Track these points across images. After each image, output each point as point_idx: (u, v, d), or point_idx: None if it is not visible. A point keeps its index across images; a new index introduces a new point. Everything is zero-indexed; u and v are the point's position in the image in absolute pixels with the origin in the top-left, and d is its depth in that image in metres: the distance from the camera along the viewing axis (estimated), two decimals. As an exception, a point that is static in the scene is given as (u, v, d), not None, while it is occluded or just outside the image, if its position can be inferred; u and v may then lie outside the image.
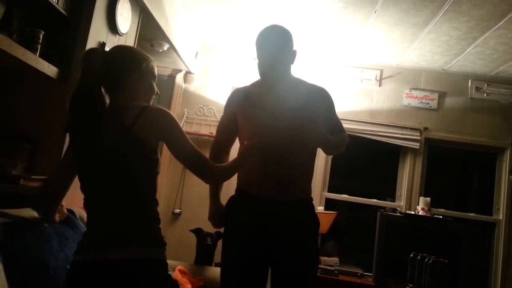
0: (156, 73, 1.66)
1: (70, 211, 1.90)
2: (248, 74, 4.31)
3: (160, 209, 4.25)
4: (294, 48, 1.91)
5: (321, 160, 4.11)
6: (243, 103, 1.90)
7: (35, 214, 1.59)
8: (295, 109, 1.79)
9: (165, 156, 4.19)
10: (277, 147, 1.76)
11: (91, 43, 2.25)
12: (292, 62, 1.91)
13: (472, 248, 3.57)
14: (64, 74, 2.13)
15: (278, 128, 1.77)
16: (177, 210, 4.15)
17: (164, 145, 1.50)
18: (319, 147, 1.88)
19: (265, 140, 1.71)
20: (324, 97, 1.97)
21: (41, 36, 1.96)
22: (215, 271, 2.82)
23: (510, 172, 4.06)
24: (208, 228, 4.06)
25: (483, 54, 3.71)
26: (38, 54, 1.93)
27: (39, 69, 1.93)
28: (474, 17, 3.07)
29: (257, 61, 1.87)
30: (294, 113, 1.78)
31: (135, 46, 2.87)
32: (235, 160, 1.66)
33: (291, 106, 1.81)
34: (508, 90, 4.14)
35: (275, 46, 1.83)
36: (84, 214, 1.98)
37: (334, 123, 1.99)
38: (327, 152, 2.05)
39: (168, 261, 2.81)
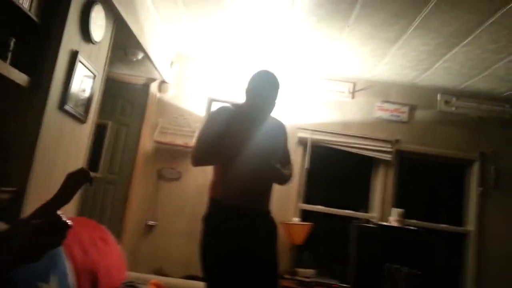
0: None
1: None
2: (223, 85, 4.32)
3: (133, 221, 4.20)
4: None
5: (297, 172, 4.12)
6: (232, 123, 2.15)
7: (4, 226, 1.52)
8: (268, 140, 2.19)
9: (138, 166, 4.11)
10: (255, 169, 2.11)
11: (63, 51, 2.20)
12: None
13: (445, 259, 3.64)
14: (36, 82, 2.06)
15: (256, 155, 2.12)
16: (151, 222, 4.06)
17: (138, 157, 1.46)
18: (274, 181, 2.27)
19: (250, 163, 2.09)
20: (284, 132, 2.37)
21: (11, 44, 1.90)
22: (188, 284, 2.77)
23: (479, 184, 4.18)
24: (186, 241, 4.01)
25: (451, 69, 3.83)
26: (8, 61, 1.87)
27: (9, 77, 1.87)
28: (442, 34, 3.18)
29: (249, 90, 2.21)
30: (267, 144, 2.17)
31: (109, 55, 2.83)
32: None
33: (266, 138, 2.18)
34: (476, 104, 4.29)
35: (274, 93, 2.19)
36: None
37: (287, 154, 2.40)
38: (279, 183, 2.32)
39: (142, 275, 2.76)
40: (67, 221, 0.96)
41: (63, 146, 2.38)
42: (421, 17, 2.95)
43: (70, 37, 2.26)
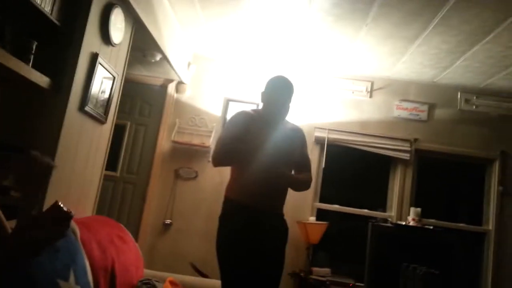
0: None
1: (60, 222, 1.89)
2: (239, 85, 4.34)
3: (151, 220, 4.26)
4: None
5: (314, 171, 4.11)
6: (251, 127, 2.25)
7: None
8: (284, 144, 2.27)
9: (156, 166, 4.18)
10: (271, 172, 2.20)
11: (84, 54, 2.25)
12: None
13: (463, 258, 3.59)
14: (57, 84, 2.12)
15: (272, 159, 2.20)
16: (168, 221, 4.12)
17: (155, 157, 1.49)
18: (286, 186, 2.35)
19: (264, 165, 2.16)
20: (301, 136, 2.45)
21: (34, 47, 1.96)
22: (205, 282, 2.81)
23: (499, 183, 4.11)
24: (202, 239, 4.05)
25: (471, 67, 3.77)
26: (30, 64, 1.93)
27: (32, 79, 1.93)
28: (463, 31, 3.13)
29: (266, 95, 2.33)
30: (283, 148, 2.26)
31: (128, 57, 2.88)
32: None
33: (282, 141, 2.27)
34: (497, 102, 4.20)
35: (289, 97, 2.32)
36: (74, 226, 1.97)
37: (305, 160, 2.45)
38: (294, 189, 2.41)
39: (159, 273, 2.81)
40: (68, 211, 0.98)
41: (83, 146, 2.44)
42: (441, 15, 2.91)
43: (90, 40, 2.31)
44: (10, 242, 1.00)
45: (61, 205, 0.99)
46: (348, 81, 4.33)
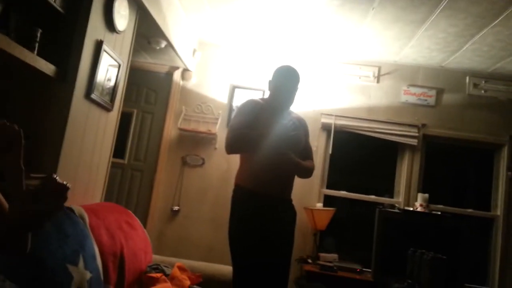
0: None
1: (69, 208, 1.91)
2: (245, 72, 4.32)
3: (158, 206, 4.30)
4: None
5: (320, 157, 4.12)
6: (261, 115, 2.32)
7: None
8: (292, 132, 2.32)
9: (163, 153, 4.20)
10: (279, 159, 2.27)
11: (88, 41, 2.25)
12: None
13: (471, 244, 3.58)
14: (62, 72, 2.13)
15: (281, 146, 2.27)
16: (176, 207, 4.16)
17: (162, 144, 1.49)
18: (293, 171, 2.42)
19: (273, 152, 2.24)
20: (305, 126, 2.57)
21: (38, 35, 1.96)
22: (213, 268, 2.84)
23: (508, 168, 4.07)
24: (209, 226, 4.09)
25: (480, 51, 3.71)
26: (35, 52, 1.93)
27: (37, 67, 1.94)
28: (471, 14, 3.07)
29: (273, 84, 2.43)
30: (291, 136, 2.31)
31: (133, 44, 2.88)
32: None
33: (290, 129, 2.32)
34: (506, 86, 4.14)
35: (296, 86, 2.42)
36: (83, 212, 2.00)
37: (308, 149, 2.56)
38: (299, 176, 2.48)
39: (167, 258, 2.85)
40: (64, 182, 0.99)
41: (90, 134, 2.45)
42: (449, -3, 2.86)
43: (95, 27, 2.31)
44: (11, 217, 1.00)
45: (56, 177, 0.99)
46: (355, 67, 4.29)
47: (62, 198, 0.99)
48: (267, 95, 2.54)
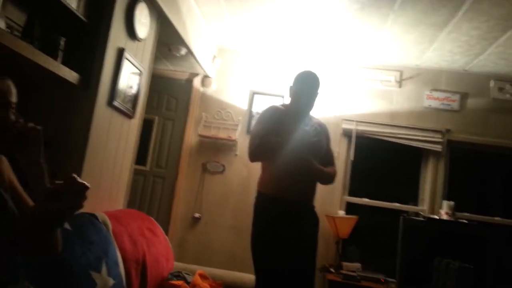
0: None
1: (92, 215, 1.91)
2: (264, 78, 4.31)
3: (180, 213, 4.31)
4: None
5: (342, 164, 4.05)
6: (283, 121, 2.33)
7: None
8: (313, 138, 2.36)
9: (184, 160, 4.21)
10: (302, 165, 2.27)
11: (110, 49, 2.28)
12: None
13: (498, 253, 3.47)
14: (85, 80, 2.15)
15: (303, 151, 2.28)
16: (197, 215, 4.15)
17: (183, 151, 1.48)
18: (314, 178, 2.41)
19: (295, 158, 2.24)
20: (327, 131, 2.56)
21: (62, 43, 1.99)
22: (234, 276, 2.81)
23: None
24: (230, 233, 4.07)
25: (505, 54, 3.61)
26: (59, 60, 1.96)
27: (61, 75, 1.96)
28: (494, 16, 3.00)
29: (294, 89, 2.41)
30: (313, 141, 2.35)
31: (154, 51, 2.90)
32: None
33: (312, 135, 2.36)
34: (532, 90, 4.02)
35: (316, 91, 2.41)
36: (106, 218, 2.00)
37: (330, 154, 2.55)
38: (320, 183, 2.48)
39: (189, 265, 2.84)
40: (84, 182, 1.00)
41: (113, 141, 2.47)
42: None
43: (117, 35, 2.33)
44: (33, 215, 1.02)
45: (76, 177, 1.01)
46: (376, 71, 4.23)
47: (82, 197, 1.00)
48: (287, 101, 2.53)
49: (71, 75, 2.04)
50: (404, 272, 3.35)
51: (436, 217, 3.68)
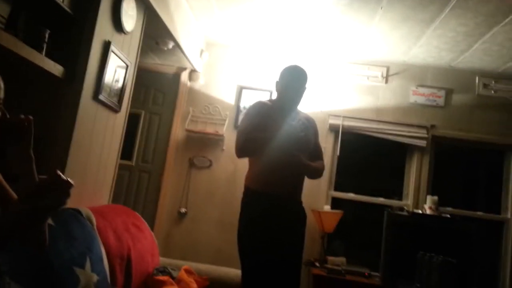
0: None
1: (77, 210, 1.90)
2: (252, 72, 4.30)
3: (166, 208, 4.29)
4: None
5: (328, 159, 4.07)
6: (271, 116, 2.32)
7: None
8: (301, 133, 2.36)
9: (171, 155, 4.19)
10: (289, 160, 2.25)
11: (96, 42, 2.25)
12: None
13: (481, 247, 3.54)
14: (70, 73, 2.12)
15: (290, 146, 2.27)
16: (183, 210, 4.14)
17: (170, 146, 1.48)
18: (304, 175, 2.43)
19: (283, 153, 2.23)
20: (314, 126, 2.55)
21: (46, 35, 1.95)
22: (220, 271, 2.82)
23: (518, 170, 4.02)
24: (217, 228, 4.07)
25: (490, 50, 3.66)
26: (44, 53, 1.93)
27: (45, 68, 1.93)
28: (481, 13, 3.03)
29: (281, 84, 2.40)
30: (300, 136, 2.34)
31: (140, 45, 2.87)
32: None
33: (299, 130, 2.35)
34: (516, 86, 4.09)
35: (303, 85, 2.40)
36: (90, 214, 1.99)
37: (318, 149, 2.54)
38: (309, 177, 2.49)
39: (174, 261, 2.83)
40: (68, 179, 0.99)
41: (98, 135, 2.44)
42: (458, -4, 2.83)
43: (103, 28, 2.30)
44: (15, 210, 1.01)
45: (60, 174, 1.00)
46: (363, 67, 4.26)
47: (65, 194, 0.99)
48: (274, 96, 2.53)
49: (55, 68, 2.01)
50: (388, 266, 3.41)
51: (420, 211, 3.74)
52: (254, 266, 2.18)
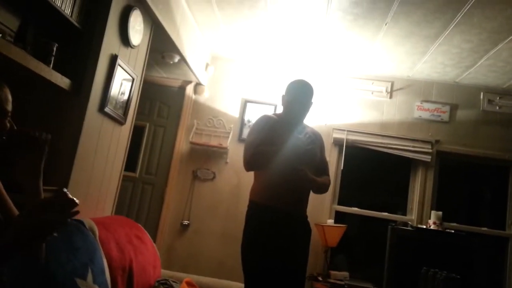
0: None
1: (80, 221, 1.91)
2: (257, 86, 4.34)
3: (168, 220, 4.28)
4: None
5: (332, 173, 4.06)
6: (277, 130, 2.32)
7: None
8: (307, 147, 2.31)
9: (174, 168, 4.20)
10: (295, 175, 2.25)
11: (103, 56, 2.28)
12: None
13: (485, 263, 3.50)
14: (77, 86, 2.15)
15: (296, 161, 2.25)
16: (186, 222, 4.14)
17: (174, 158, 1.49)
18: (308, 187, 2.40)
19: (289, 168, 2.22)
20: (321, 140, 2.54)
21: (54, 49, 1.99)
22: (222, 284, 2.80)
23: (523, 186, 3.99)
24: (219, 241, 4.07)
25: (495, 67, 3.67)
26: (51, 66, 1.96)
27: (52, 80, 1.96)
28: (486, 30, 3.05)
29: (287, 98, 2.41)
30: (306, 150, 2.30)
31: (147, 58, 2.91)
32: None
33: (305, 144, 2.30)
34: (521, 102, 4.09)
35: (310, 100, 2.40)
36: (93, 225, 2.00)
37: (324, 163, 2.54)
38: (314, 192, 2.48)
39: (176, 273, 2.82)
40: (74, 199, 0.99)
41: (103, 147, 2.46)
42: (463, 12, 2.84)
43: (110, 42, 2.34)
44: (17, 224, 1.02)
45: (67, 192, 1.00)
46: (367, 82, 4.28)
47: (70, 213, 1.00)
48: (279, 109, 2.54)
49: (62, 81, 2.04)
50: (392, 281, 3.37)
51: (424, 227, 3.71)
52: (257, 279, 2.17)
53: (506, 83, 4.00)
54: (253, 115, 4.19)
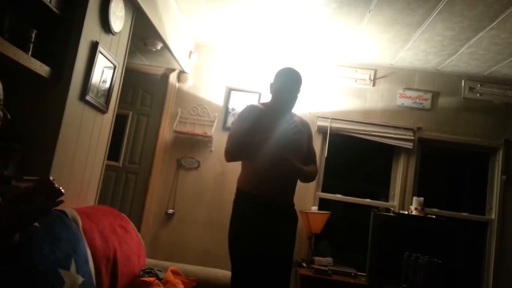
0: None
1: (62, 211, 1.89)
2: (241, 74, 4.31)
3: (153, 209, 4.27)
4: None
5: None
6: (263, 120, 2.31)
7: None
8: (294, 136, 2.31)
9: (158, 157, 4.17)
10: (282, 164, 2.25)
11: (84, 42, 2.23)
12: None
13: (466, 248, 3.58)
14: (57, 73, 2.11)
15: (284, 150, 2.26)
16: (170, 211, 4.13)
17: (158, 147, 1.47)
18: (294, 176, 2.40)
19: (276, 157, 2.22)
20: (309, 129, 2.55)
21: (33, 35, 1.94)
22: (207, 272, 2.82)
23: (502, 172, 4.08)
24: (204, 229, 4.07)
25: (476, 54, 3.72)
26: (30, 53, 1.91)
27: (31, 68, 1.91)
28: (467, 18, 3.08)
29: (275, 86, 2.40)
30: (294, 139, 2.31)
31: (128, 45, 2.86)
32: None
33: (293, 133, 2.30)
34: (501, 90, 4.16)
35: (298, 88, 2.41)
36: (76, 215, 1.98)
37: (311, 153, 2.54)
38: (301, 181, 2.47)
39: (161, 262, 2.82)
40: (60, 188, 0.97)
41: (84, 136, 2.43)
42: (445, 0, 2.86)
43: (90, 28, 2.29)
44: (9, 209, 0.98)
45: (52, 180, 0.98)
46: (351, 69, 4.29)
47: (55, 202, 0.98)
48: (264, 97, 2.53)
49: (41, 69, 2.00)
50: (374, 266, 3.44)
51: (406, 212, 3.78)
52: (245, 266, 2.18)
53: (487, 71, 4.06)
54: (237, 103, 4.18)
